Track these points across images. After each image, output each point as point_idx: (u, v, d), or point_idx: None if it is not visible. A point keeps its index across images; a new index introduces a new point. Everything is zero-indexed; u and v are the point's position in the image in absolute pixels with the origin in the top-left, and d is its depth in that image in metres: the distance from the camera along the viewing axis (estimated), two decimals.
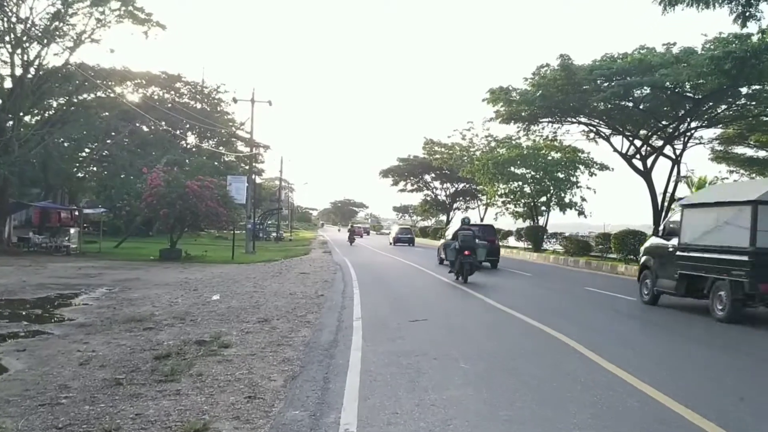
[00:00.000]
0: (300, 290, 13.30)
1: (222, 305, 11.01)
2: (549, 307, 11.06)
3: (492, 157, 32.92)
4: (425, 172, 58.13)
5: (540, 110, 21.69)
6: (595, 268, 21.56)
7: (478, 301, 11.40)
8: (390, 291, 13.28)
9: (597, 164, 30.36)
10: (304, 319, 9.18)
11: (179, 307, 10.97)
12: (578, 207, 30.80)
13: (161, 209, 22.53)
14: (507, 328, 8.30)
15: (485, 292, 12.81)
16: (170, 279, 16.43)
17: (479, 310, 10.19)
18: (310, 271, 18.56)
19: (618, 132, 23.64)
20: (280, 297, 12.06)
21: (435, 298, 11.89)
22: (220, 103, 49.09)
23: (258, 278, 16.52)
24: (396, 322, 8.50)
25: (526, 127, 24.85)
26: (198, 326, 8.82)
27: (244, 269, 20.14)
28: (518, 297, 12.40)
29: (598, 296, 13.42)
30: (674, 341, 8.29)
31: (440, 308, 10.19)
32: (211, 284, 14.98)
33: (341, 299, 11.47)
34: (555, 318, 9.11)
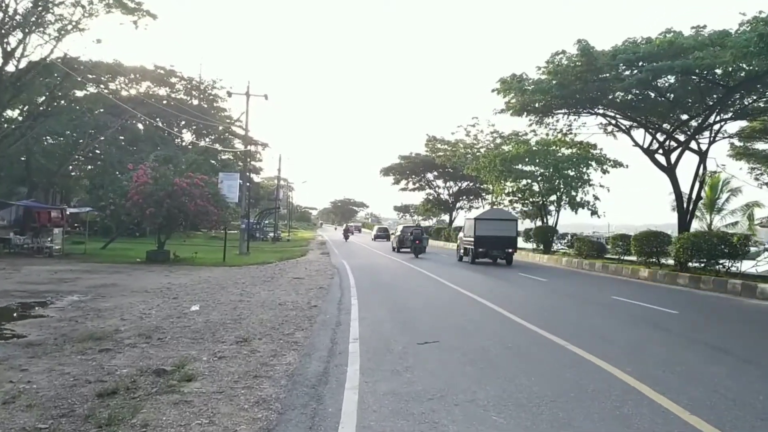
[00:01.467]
0: (291, 299, 11.84)
1: (199, 318, 9.57)
2: (581, 323, 9.42)
3: (499, 153, 31.38)
4: (427, 170, 56.57)
5: (555, 100, 20.00)
6: (614, 272, 20.02)
7: (495, 314, 9.89)
8: (392, 300, 11.80)
9: (610, 161, 28.79)
10: (292, 338, 7.71)
11: (150, 320, 9.51)
12: (591, 206, 29.26)
13: (148, 208, 21.05)
14: (541, 355, 6.74)
15: (501, 303, 11.32)
16: (151, 284, 14.97)
17: (499, 326, 8.67)
18: (305, 276, 17.09)
19: (640, 125, 21.86)
20: (267, 308, 10.60)
21: (445, 310, 10.38)
22: (217, 100, 47.69)
23: (247, 284, 15.08)
24: (401, 343, 7.03)
25: (539, 119, 23.23)
26: (164, 347, 7.36)
27: (235, 273, 18.68)
28: (540, 309, 10.88)
29: (633, 308, 11.60)
30: None
31: (452, 323, 8.69)
32: (194, 291, 13.53)
33: (337, 311, 10.00)
34: (595, 340, 7.60)
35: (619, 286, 16.26)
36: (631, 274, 18.88)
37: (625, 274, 19.20)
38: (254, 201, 69.72)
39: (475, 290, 13.49)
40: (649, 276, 17.69)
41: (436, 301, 11.64)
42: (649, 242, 19.01)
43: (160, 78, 42.53)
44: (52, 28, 25.27)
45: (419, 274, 18.87)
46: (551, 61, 20.06)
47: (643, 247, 19.19)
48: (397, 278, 17.44)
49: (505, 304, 10.93)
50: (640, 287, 15.86)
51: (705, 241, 16.31)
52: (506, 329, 8.33)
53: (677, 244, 17.23)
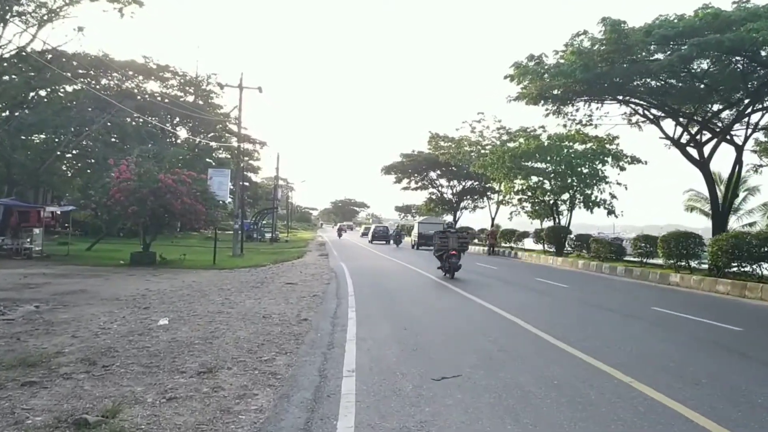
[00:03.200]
0: (279, 310, 10.19)
1: (165, 336, 7.92)
2: (635, 347, 7.33)
3: (509, 149, 29.63)
4: (430, 168, 54.87)
5: (578, 86, 18.04)
6: (640, 277, 18.25)
7: (523, 333, 8.11)
8: (396, 312, 10.12)
9: (627, 156, 27.00)
10: (270, 367, 6.05)
11: (106, 338, 7.87)
12: (608, 205, 27.46)
13: (130, 206, 19.40)
14: (605, 400, 4.84)
15: (527, 317, 9.62)
16: (126, 291, 13.34)
17: (534, 351, 6.89)
18: (299, 281, 15.43)
19: (668, 114, 19.84)
20: (248, 322, 8.95)
21: (461, 328, 8.54)
22: (212, 96, 46.08)
23: (233, 290, 13.44)
24: (411, 379, 5.33)
25: (557, 108, 21.39)
26: (105, 381, 5.71)
27: (223, 277, 17.04)
28: (575, 325, 9.08)
29: (687, 325, 9.73)
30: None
31: (474, 347, 6.96)
32: (171, 300, 11.88)
33: (330, 328, 8.33)
34: (667, 375, 5.74)
35: (654, 294, 14.53)
36: (659, 279, 17.14)
37: (653, 279, 17.47)
38: (252, 201, 68.17)
39: (491, 300, 11.80)
40: (682, 282, 15.98)
41: (449, 314, 9.90)
42: (678, 244, 17.28)
43: (152, 72, 40.91)
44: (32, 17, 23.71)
45: (424, 278, 17.18)
46: (570, 43, 18.26)
47: (672, 249, 17.46)
48: (400, 284, 15.77)
49: (532, 319, 9.23)
50: (678, 295, 14.12)
51: (746, 243, 14.57)
52: (544, 356, 6.56)
53: (713, 246, 15.50)
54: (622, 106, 20.92)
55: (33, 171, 26.30)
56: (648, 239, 20.53)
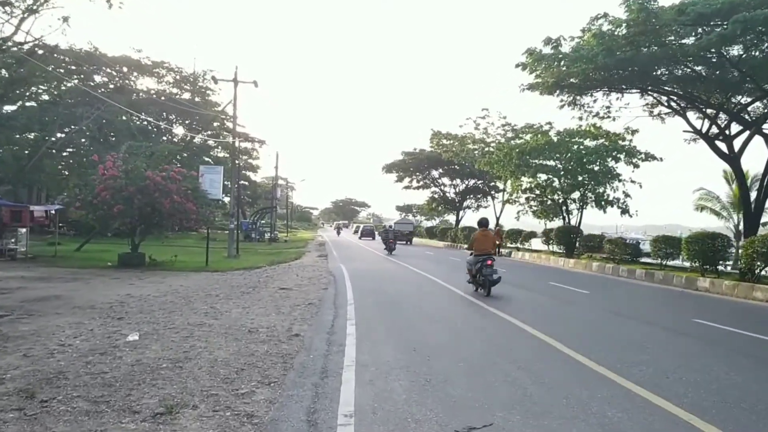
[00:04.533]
0: (268, 322, 8.97)
1: (129, 357, 6.71)
2: (700, 378, 5.88)
3: (517, 145, 28.33)
4: (432, 167, 53.55)
5: (598, 73, 16.69)
6: (663, 282, 16.93)
7: (557, 356, 6.78)
8: (403, 327, 8.87)
9: (641, 153, 25.67)
10: (246, 406, 4.82)
11: (61, 359, 6.68)
12: (621, 204, 26.13)
13: (116, 205, 18.19)
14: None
15: (554, 332, 8.37)
16: (105, 297, 12.15)
17: (574, 381, 5.49)
18: (294, 286, 14.21)
19: (700, 104, 18.29)
20: (230, 338, 7.72)
21: (482, 349, 7.08)
22: (208, 93, 44.80)
23: (221, 297, 12.23)
24: (428, 431, 4.09)
25: (572, 99, 20.04)
26: (35, 425, 4.49)
27: (214, 281, 15.84)
28: (614, 343, 7.68)
29: (743, 344, 8.28)
30: None
31: (501, 376, 5.64)
32: (150, 308, 10.68)
33: (325, 347, 7.10)
34: (749, 418, 4.62)
35: (687, 302, 13.26)
36: (685, 283, 15.85)
37: (678, 283, 16.18)
38: (251, 200, 66.95)
39: (508, 310, 10.56)
40: (712, 287, 14.70)
41: (464, 329, 8.55)
42: (704, 245, 15.99)
43: (146, 68, 39.70)
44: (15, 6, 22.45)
45: (432, 283, 15.96)
46: (588, 28, 16.92)
47: (698, 252, 16.17)
48: (403, 289, 14.52)
49: (561, 335, 7.96)
50: (714, 304, 12.82)
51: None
52: (592, 390, 5.18)
53: (748, 249, 14.21)
54: (644, 96, 19.51)
55: (19, 169, 25.08)
56: (668, 240, 19.26)
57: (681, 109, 19.24)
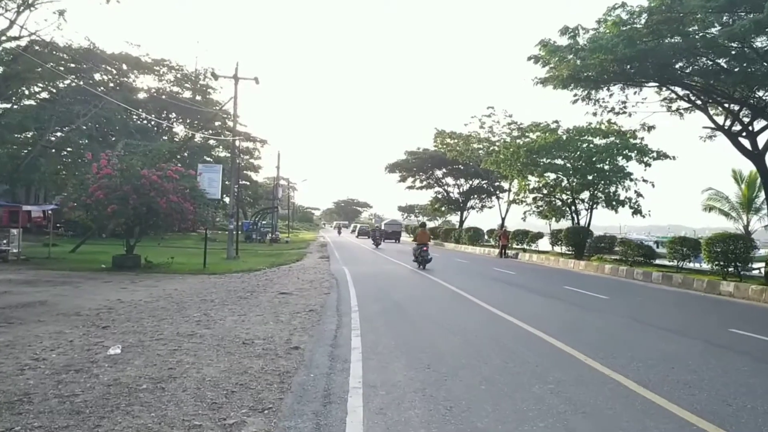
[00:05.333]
0: (265, 332, 8.21)
1: (107, 375, 5.96)
2: None
3: (524, 143, 27.50)
4: (436, 166, 52.74)
5: (616, 65, 15.77)
6: (682, 285, 16.05)
7: (589, 373, 6.00)
8: (412, 338, 8.08)
9: (653, 151, 24.81)
10: None
11: (30, 377, 5.95)
12: (633, 204, 25.27)
13: (110, 205, 17.44)
14: None
15: (580, 343, 7.61)
16: (93, 302, 11.42)
17: (620, 408, 4.77)
18: (294, 290, 13.45)
19: (724, 98, 17.32)
20: (223, 352, 6.97)
21: (503, 365, 6.23)
22: (209, 91, 44.12)
23: (216, 302, 11.49)
24: None
25: (587, 94, 19.16)
26: None
27: (210, 284, 15.10)
28: (652, 359, 6.72)
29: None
30: None
31: (533, 403, 4.83)
32: (140, 315, 9.95)
33: (328, 363, 6.32)
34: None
35: (714, 307, 12.41)
36: (707, 287, 15.01)
37: (698, 287, 15.34)
38: (252, 200, 66.21)
39: (526, 317, 9.78)
40: (737, 292, 13.87)
41: (481, 341, 7.64)
42: (726, 247, 15.17)
43: (147, 66, 38.99)
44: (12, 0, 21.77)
45: (441, 288, 15.16)
46: (604, 20, 16.05)
47: (720, 254, 15.35)
48: (409, 293, 13.75)
49: (591, 349, 7.15)
50: (746, 311, 11.94)
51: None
52: (642, 424, 4.34)
53: None
54: (662, 90, 18.61)
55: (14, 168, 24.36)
56: (685, 242, 18.44)
57: (703, 104, 18.32)
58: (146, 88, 41.84)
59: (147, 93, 41.56)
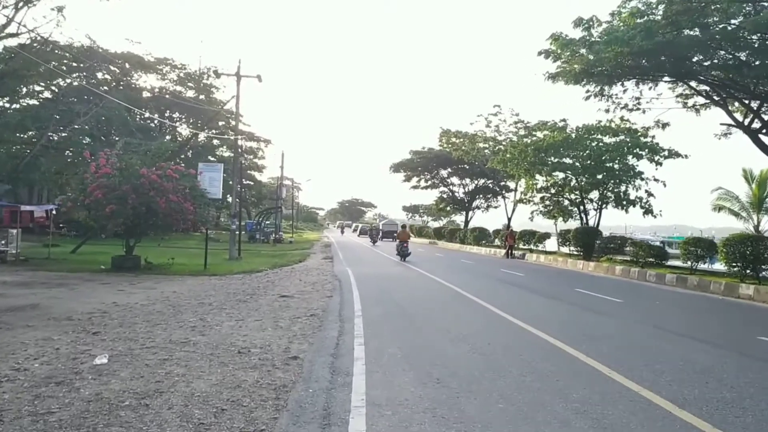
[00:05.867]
0: (263, 339, 7.73)
1: (89, 389, 5.50)
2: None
3: (533, 142, 26.91)
4: (441, 166, 52.19)
5: (632, 59, 15.07)
6: (698, 288, 15.43)
7: (617, 390, 5.41)
8: (420, 346, 7.57)
9: (664, 150, 24.16)
10: None
11: (8, 389, 5.54)
12: (644, 203, 24.63)
13: (108, 205, 17.02)
14: None
15: (602, 354, 7.08)
16: (88, 305, 10.99)
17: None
18: (296, 293, 12.97)
19: (742, 95, 16.65)
20: (215, 362, 6.49)
21: (518, 379, 5.66)
22: (212, 90, 43.75)
23: (214, 306, 11.03)
24: None
25: (600, 90, 18.52)
26: None
27: (210, 286, 14.65)
28: (684, 372, 6.13)
29: None
30: None
31: (564, 429, 4.27)
32: (134, 319, 9.51)
33: (329, 376, 5.83)
34: None
35: (737, 312, 11.81)
36: (724, 290, 14.41)
37: (715, 290, 14.74)
38: (256, 200, 65.86)
39: (537, 323, 9.26)
40: (757, 295, 13.27)
41: (496, 351, 7.06)
42: (744, 249, 14.56)
43: (150, 65, 38.66)
44: None
45: (448, 291, 14.64)
46: (618, 12, 15.43)
47: (738, 256, 14.75)
48: (415, 296, 13.24)
49: (613, 359, 6.62)
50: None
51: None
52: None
53: None
54: (679, 85, 17.94)
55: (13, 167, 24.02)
56: (699, 243, 17.84)
57: (721, 100, 17.64)
58: (149, 87, 41.59)
59: (150, 92, 41.25)
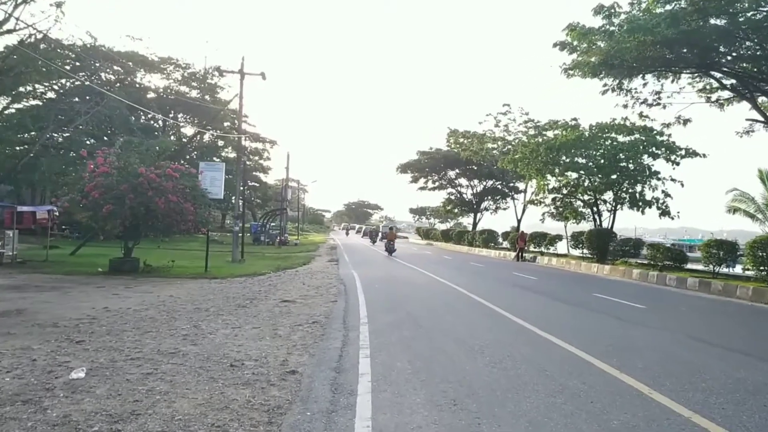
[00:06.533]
0: (259, 350, 7.04)
1: (58, 408, 4.86)
2: None
3: (545, 141, 26.11)
4: (449, 167, 51.40)
5: (654, 49, 14.25)
6: (724, 293, 14.61)
7: (667, 415, 4.69)
8: (431, 359, 6.82)
9: (681, 149, 23.27)
10: None
11: None
12: (661, 204, 23.76)
13: (105, 205, 16.43)
14: None
15: (636, 371, 6.32)
16: (77, 311, 10.38)
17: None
18: (298, 298, 12.28)
19: (761, 89, 15.91)
20: (204, 377, 5.80)
21: (556, 404, 4.83)
22: (217, 89, 43.30)
23: (212, 311, 10.38)
24: None
25: (618, 83, 17.68)
26: None
27: (209, 290, 14.01)
28: (750, 402, 5.24)
29: None
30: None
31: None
32: (124, 326, 8.87)
33: (330, 396, 5.11)
34: None
35: None
36: (752, 296, 13.56)
37: (742, 295, 13.89)
38: (262, 202, 65.37)
39: (565, 335, 8.51)
40: None
41: (517, 366, 6.24)
42: None
43: (153, 64, 38.25)
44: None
45: (460, 296, 13.91)
46: (638, 1, 14.60)
47: (765, 259, 13.90)
48: (424, 301, 12.51)
49: (650, 376, 5.87)
50: None
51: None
52: None
53: None
54: (702, 79, 17.06)
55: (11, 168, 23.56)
56: (722, 245, 17.00)
57: (749, 93, 16.71)
58: (153, 87, 41.19)
59: (154, 92, 40.86)
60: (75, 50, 28.71)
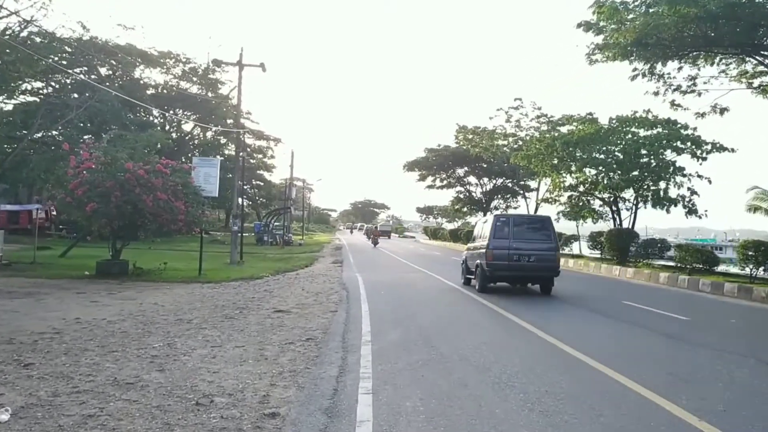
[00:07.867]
0: (236, 380, 5.72)
1: None
2: None
3: (561, 135, 24.68)
4: (458, 164, 49.95)
5: (697, 26, 12.61)
6: (765, 300, 13.14)
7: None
8: (455, 399, 5.46)
9: (707, 144, 21.71)
10: None
11: None
12: (687, 202, 22.25)
13: (89, 203, 15.22)
14: None
15: (732, 426, 4.98)
16: (44, 322, 9.18)
17: None
18: (295, 306, 10.98)
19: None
20: (157, 423, 4.49)
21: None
22: (219, 85, 42.17)
23: (194, 323, 9.14)
24: None
25: (650, 67, 16.15)
26: None
27: (199, 297, 12.75)
28: None
29: None
30: None
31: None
32: (89, 343, 7.67)
33: None
34: None
35: None
36: None
37: None
38: (266, 201, 64.21)
39: (605, 359, 7.13)
40: None
41: (575, 410, 4.80)
42: None
43: (152, 58, 37.12)
44: None
45: (477, 306, 12.57)
46: None
47: None
48: (443, 317, 11.17)
49: (743, 429, 4.56)
50: None
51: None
52: None
53: None
54: (745, 62, 15.46)
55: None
56: (760, 246, 15.54)
57: None
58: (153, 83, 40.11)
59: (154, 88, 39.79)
60: (69, 43, 27.61)
